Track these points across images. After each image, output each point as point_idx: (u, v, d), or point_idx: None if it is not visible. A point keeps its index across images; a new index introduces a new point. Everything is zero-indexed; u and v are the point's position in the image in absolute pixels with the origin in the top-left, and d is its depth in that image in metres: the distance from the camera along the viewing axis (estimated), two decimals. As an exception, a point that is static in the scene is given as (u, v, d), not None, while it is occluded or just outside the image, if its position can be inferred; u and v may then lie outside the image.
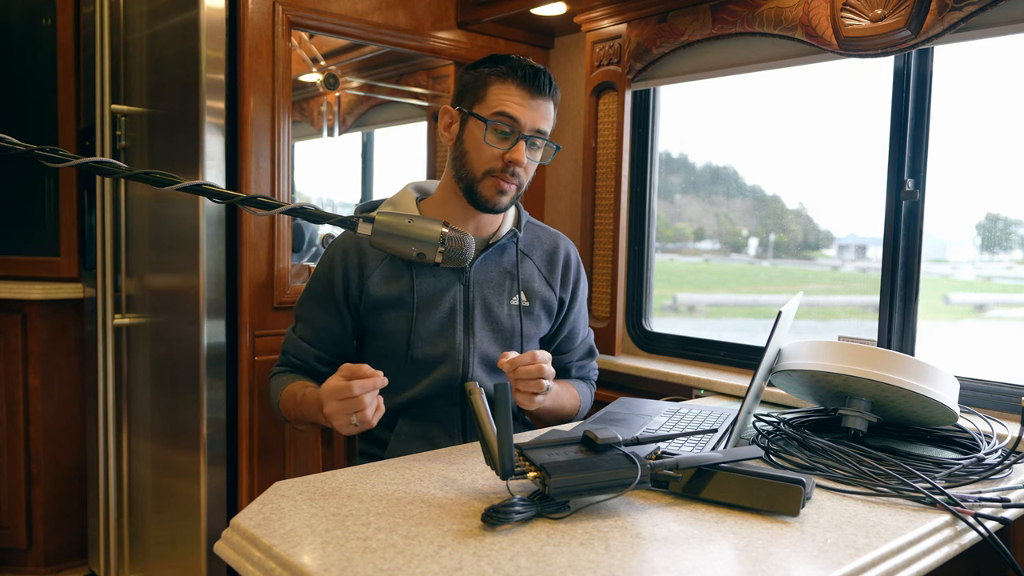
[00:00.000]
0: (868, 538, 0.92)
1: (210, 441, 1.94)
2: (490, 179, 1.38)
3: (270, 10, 1.93)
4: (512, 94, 1.36)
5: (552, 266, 1.56)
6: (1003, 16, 1.51)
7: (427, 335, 1.44)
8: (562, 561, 0.82)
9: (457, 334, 1.45)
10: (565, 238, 1.62)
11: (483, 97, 1.38)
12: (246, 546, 0.88)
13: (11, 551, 2.53)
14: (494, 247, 1.48)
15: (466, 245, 1.09)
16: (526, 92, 1.36)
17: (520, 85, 1.36)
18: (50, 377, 2.51)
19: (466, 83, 1.42)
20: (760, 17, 1.83)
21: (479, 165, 1.38)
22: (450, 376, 1.45)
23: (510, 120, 1.35)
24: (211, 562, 1.95)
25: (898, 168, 1.72)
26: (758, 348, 1.98)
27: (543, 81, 1.37)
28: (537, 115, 1.37)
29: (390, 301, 1.43)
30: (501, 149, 1.37)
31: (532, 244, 1.56)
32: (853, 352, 1.22)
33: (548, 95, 1.39)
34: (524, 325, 1.50)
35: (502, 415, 0.92)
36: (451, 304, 1.45)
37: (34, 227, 2.58)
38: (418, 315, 1.43)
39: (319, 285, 1.47)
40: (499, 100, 1.36)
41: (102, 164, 0.95)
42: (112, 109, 2.12)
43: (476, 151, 1.38)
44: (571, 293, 1.59)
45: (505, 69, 1.37)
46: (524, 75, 1.36)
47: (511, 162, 1.36)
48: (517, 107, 1.35)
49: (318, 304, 1.47)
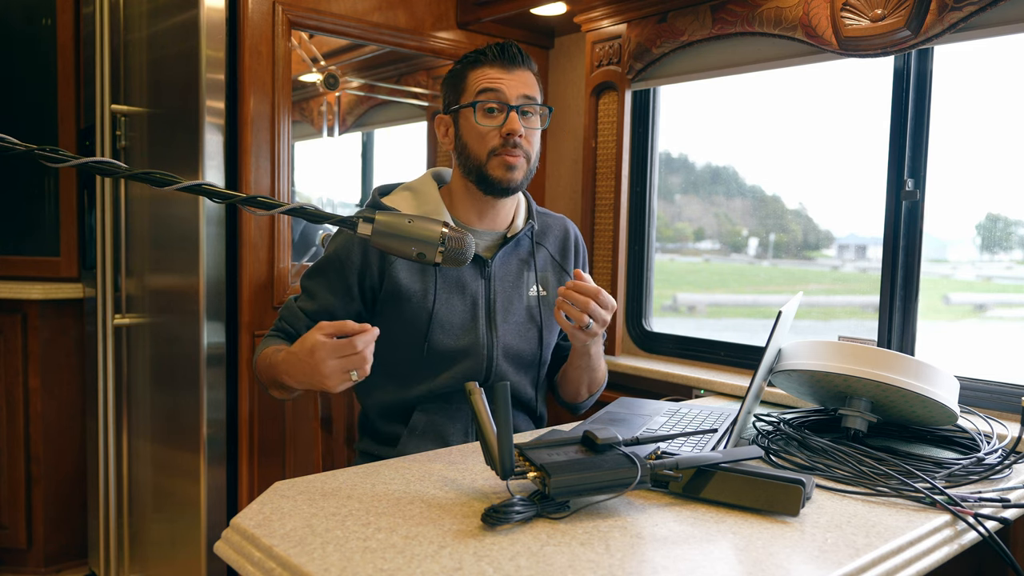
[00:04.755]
0: (868, 538, 0.92)
1: (210, 441, 1.94)
2: (495, 158, 1.40)
3: (270, 10, 1.93)
4: (488, 73, 1.40)
5: (565, 251, 1.60)
6: (1003, 16, 1.51)
7: (448, 327, 1.44)
8: (562, 561, 0.82)
9: (480, 328, 1.45)
10: (571, 222, 1.65)
11: (464, 88, 1.42)
12: (246, 546, 0.88)
13: (11, 551, 2.53)
14: (512, 240, 1.50)
15: (466, 245, 1.09)
16: (500, 67, 1.40)
17: (492, 62, 1.41)
18: (50, 377, 2.51)
19: (448, 86, 1.47)
20: (760, 17, 1.83)
21: (480, 148, 1.41)
22: (474, 370, 1.45)
23: (494, 94, 1.39)
24: (211, 562, 1.95)
25: (898, 168, 1.72)
26: (758, 348, 1.98)
27: (513, 51, 1.42)
28: (518, 83, 1.41)
29: (413, 289, 1.43)
30: (494, 126, 1.39)
31: (544, 232, 1.58)
32: (853, 352, 1.22)
33: (523, 64, 1.43)
34: (544, 315, 1.52)
35: (502, 415, 0.92)
36: (473, 298, 1.46)
37: (34, 227, 2.58)
38: (439, 306, 1.43)
39: (333, 264, 1.44)
40: (477, 82, 1.40)
41: (102, 164, 0.95)
42: (112, 109, 2.12)
43: (474, 137, 1.41)
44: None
45: (474, 55, 1.43)
46: (493, 53, 1.41)
47: (509, 132, 1.39)
48: (497, 82, 1.39)
49: (327, 281, 1.45)
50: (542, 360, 1.54)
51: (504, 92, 1.39)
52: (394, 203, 1.46)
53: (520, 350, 1.49)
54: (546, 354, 1.55)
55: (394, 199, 1.47)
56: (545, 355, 1.55)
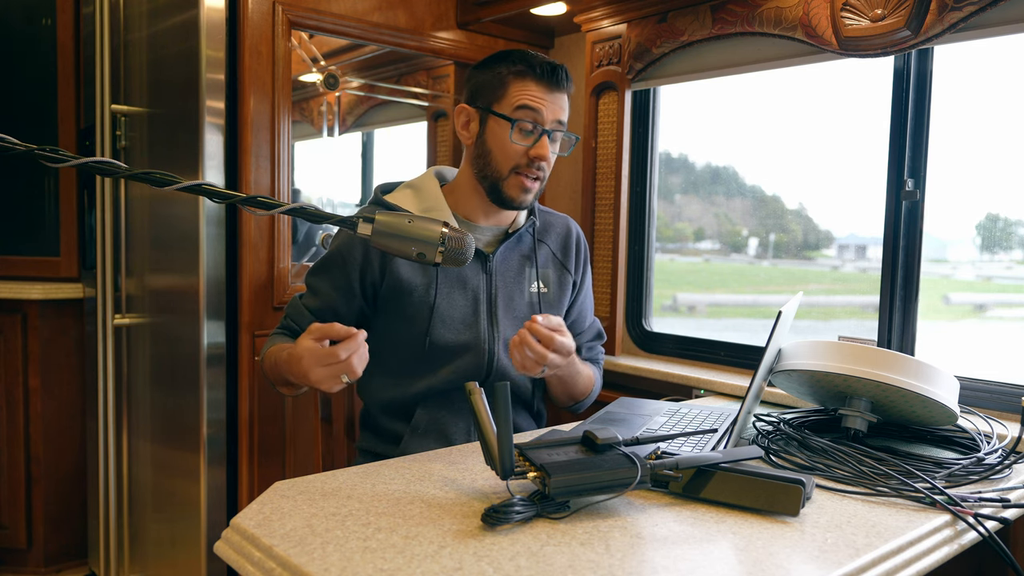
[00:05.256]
0: (868, 538, 0.92)
1: (210, 441, 1.94)
2: (514, 177, 1.40)
3: (270, 10, 1.93)
4: (532, 90, 1.38)
5: (566, 249, 1.59)
6: (1003, 16, 1.51)
7: (450, 321, 1.44)
8: (562, 561, 0.82)
9: (481, 323, 1.46)
10: (573, 221, 1.65)
11: (503, 95, 1.39)
12: (246, 546, 0.88)
13: (11, 551, 2.53)
14: (513, 236, 1.50)
15: (466, 245, 1.09)
16: (545, 87, 1.38)
17: (539, 81, 1.38)
18: (50, 377, 2.51)
19: (483, 81, 1.43)
20: (760, 17, 1.83)
21: (504, 163, 1.40)
22: (475, 365, 1.45)
23: (533, 114, 1.37)
24: (211, 562, 1.95)
25: (898, 168, 1.72)
26: (758, 348, 1.98)
27: (561, 75, 1.40)
28: (556, 107, 1.40)
29: (415, 284, 1.43)
30: (525, 146, 1.39)
31: (545, 229, 1.58)
32: (853, 352, 1.22)
33: (565, 88, 1.42)
34: (544, 311, 1.52)
35: (502, 415, 0.92)
36: (474, 293, 1.46)
37: (34, 227, 2.58)
38: (440, 300, 1.43)
39: (335, 261, 1.45)
40: (520, 97, 1.38)
41: (102, 164, 0.95)
42: (112, 109, 2.12)
43: (500, 150, 1.40)
44: (581, 275, 1.62)
45: (523, 67, 1.39)
46: (543, 71, 1.38)
47: (536, 157, 1.38)
48: (538, 102, 1.38)
49: (329, 279, 1.45)
50: None
51: (543, 114, 1.38)
52: (396, 201, 1.46)
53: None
54: None
55: (396, 197, 1.47)
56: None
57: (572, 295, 1.61)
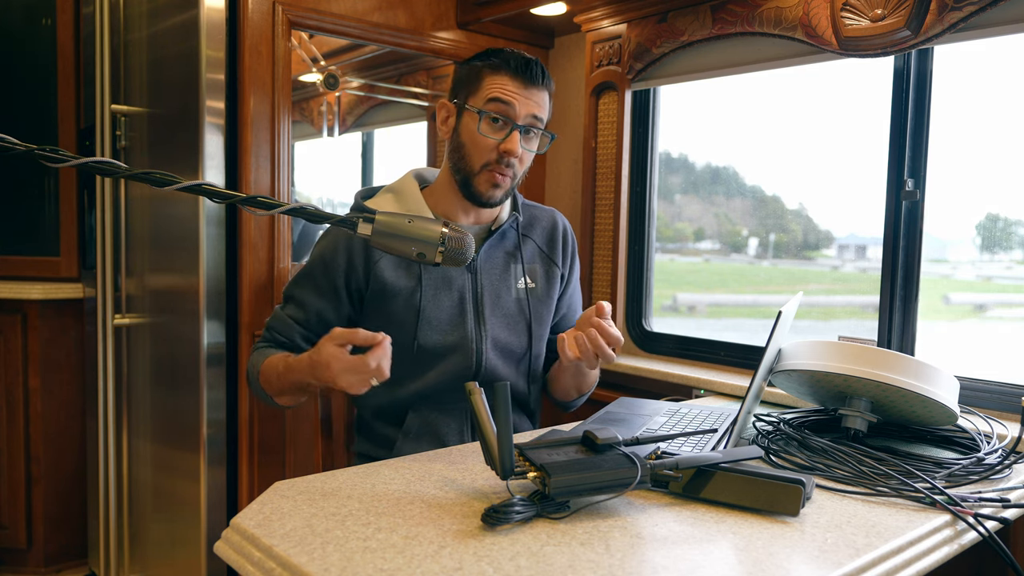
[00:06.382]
0: (868, 538, 0.92)
1: (210, 441, 1.94)
2: (486, 172, 1.39)
3: (270, 10, 1.93)
4: (505, 84, 1.38)
5: (552, 242, 1.58)
6: (1003, 16, 1.51)
7: (436, 323, 1.43)
8: (562, 561, 0.82)
9: (468, 323, 1.45)
10: (560, 214, 1.63)
11: (477, 89, 1.40)
12: (246, 546, 0.88)
13: (11, 551, 2.53)
14: (496, 233, 1.49)
15: (466, 245, 1.09)
16: (519, 82, 1.38)
17: (513, 75, 1.38)
18: (50, 377, 2.51)
19: (461, 76, 1.44)
20: (760, 17, 1.83)
21: (476, 158, 1.39)
22: (463, 366, 1.44)
23: (503, 107, 1.37)
24: (211, 562, 1.95)
25: (898, 168, 1.72)
26: (758, 348, 1.98)
27: (535, 71, 1.39)
28: (531, 103, 1.39)
29: (399, 287, 1.42)
30: (495, 139, 1.38)
31: (531, 224, 1.57)
32: (853, 352, 1.22)
33: (542, 84, 1.41)
34: (532, 307, 1.51)
35: (502, 415, 0.92)
36: (460, 293, 1.45)
37: (34, 227, 2.58)
38: (426, 302, 1.43)
39: (318, 268, 1.45)
40: (492, 90, 1.38)
41: (102, 164, 0.95)
42: (112, 109, 2.12)
43: (472, 143, 1.40)
44: (569, 268, 1.61)
45: (498, 61, 1.39)
46: (516, 65, 1.38)
47: (505, 152, 1.37)
48: (510, 95, 1.37)
49: (314, 286, 1.45)
50: (533, 353, 1.53)
51: (514, 108, 1.37)
52: (377, 206, 1.44)
53: (509, 343, 1.48)
54: (537, 347, 1.53)
55: (377, 202, 1.46)
56: (536, 348, 1.53)
57: (561, 288, 1.59)
